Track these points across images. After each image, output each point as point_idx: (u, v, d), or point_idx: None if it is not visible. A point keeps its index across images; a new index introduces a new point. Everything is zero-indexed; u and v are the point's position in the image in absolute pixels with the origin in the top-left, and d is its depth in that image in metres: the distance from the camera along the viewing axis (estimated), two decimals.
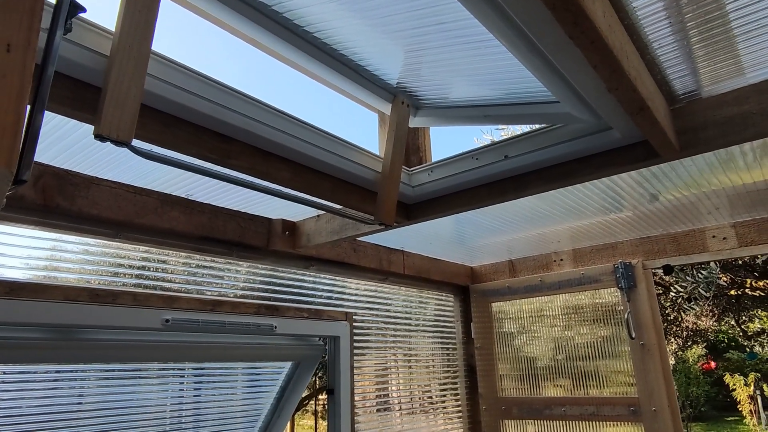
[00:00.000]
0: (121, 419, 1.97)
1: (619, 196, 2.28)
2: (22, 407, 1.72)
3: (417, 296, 3.36)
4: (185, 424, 2.25)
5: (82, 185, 1.76)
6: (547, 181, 1.66)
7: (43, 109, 0.78)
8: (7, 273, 1.70)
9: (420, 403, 3.22)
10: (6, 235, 1.69)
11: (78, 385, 1.88)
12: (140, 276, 2.07)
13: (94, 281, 1.96)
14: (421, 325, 3.35)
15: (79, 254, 1.88)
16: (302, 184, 1.60)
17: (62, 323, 1.64)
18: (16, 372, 1.71)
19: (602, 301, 3.07)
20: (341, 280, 2.87)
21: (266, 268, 2.50)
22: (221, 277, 2.34)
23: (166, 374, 2.18)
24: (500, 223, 2.70)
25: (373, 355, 2.97)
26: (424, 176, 1.92)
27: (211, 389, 2.37)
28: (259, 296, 2.46)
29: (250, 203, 2.22)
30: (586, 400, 2.94)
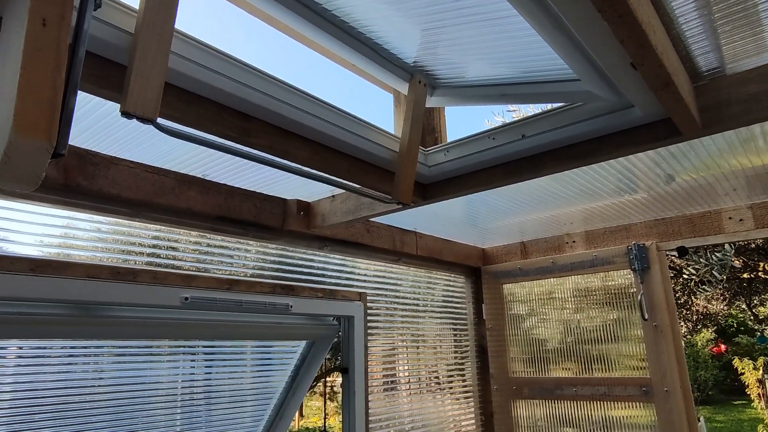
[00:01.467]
0: (137, 396, 2.01)
1: (634, 177, 2.27)
2: (38, 382, 1.75)
3: (429, 277, 3.38)
4: (201, 401, 2.30)
5: (102, 165, 1.78)
6: (564, 160, 1.66)
7: (76, 86, 0.79)
8: (29, 251, 1.73)
9: (430, 383, 3.26)
10: (27, 213, 1.72)
11: (92, 361, 1.92)
12: (154, 255, 2.10)
13: (105, 259, 1.99)
14: (432, 306, 3.38)
15: (92, 232, 1.91)
16: (321, 163, 1.61)
17: (85, 300, 1.67)
18: (32, 347, 1.75)
19: (613, 284, 3.07)
20: (351, 260, 2.89)
21: (276, 248, 2.52)
22: (231, 256, 2.36)
23: (183, 352, 2.22)
24: (512, 205, 2.70)
25: (385, 335, 3.00)
26: (440, 156, 1.91)
27: (227, 368, 2.42)
28: (269, 276, 2.49)
29: (265, 183, 2.24)
30: (598, 380, 2.96)
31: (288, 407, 2.61)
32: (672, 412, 2.65)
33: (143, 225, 2.05)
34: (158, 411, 2.12)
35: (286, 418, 2.61)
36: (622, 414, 2.89)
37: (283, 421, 2.61)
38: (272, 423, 2.59)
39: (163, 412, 2.14)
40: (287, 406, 2.60)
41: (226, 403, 2.41)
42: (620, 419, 2.89)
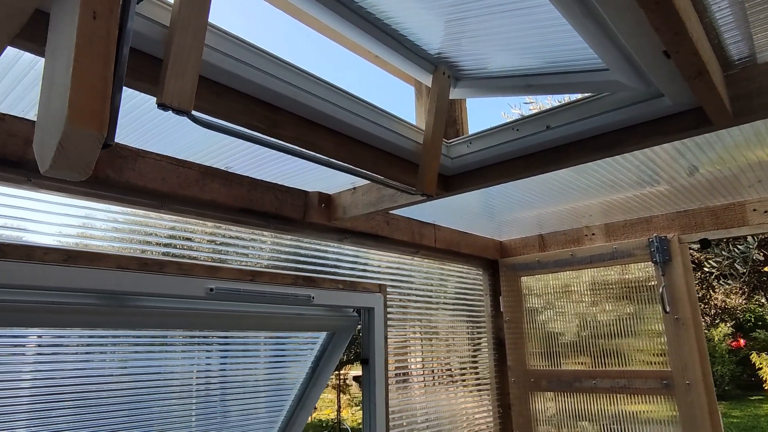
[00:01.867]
0: (155, 386, 2.04)
1: (656, 168, 2.25)
2: (58, 371, 1.77)
3: (446, 269, 3.39)
4: (222, 393, 2.33)
5: (129, 157, 1.81)
6: (590, 151, 1.65)
7: (122, 79, 0.80)
8: (62, 241, 1.77)
9: (446, 375, 3.27)
10: (59, 206, 1.75)
11: (111, 351, 1.95)
12: (173, 246, 2.12)
13: (131, 251, 2.02)
14: (449, 298, 3.39)
15: (110, 223, 1.94)
16: (346, 154, 1.62)
17: (114, 290, 1.70)
18: (52, 337, 1.77)
19: (631, 277, 3.05)
20: (365, 252, 2.90)
21: (292, 239, 2.54)
22: (248, 248, 2.39)
23: (205, 342, 2.25)
24: (531, 197, 2.69)
25: (401, 328, 3.01)
26: (462, 148, 1.91)
27: (249, 359, 2.45)
28: (285, 267, 2.51)
29: (287, 176, 2.25)
30: (617, 372, 2.95)
31: (308, 398, 2.64)
32: (693, 405, 2.64)
33: (164, 217, 2.07)
34: (180, 401, 2.16)
35: (306, 408, 2.64)
36: (641, 408, 2.88)
37: (303, 411, 2.64)
38: (293, 413, 2.62)
39: (187, 403, 2.17)
40: (308, 397, 2.63)
41: (248, 394, 2.44)
42: (640, 413, 2.88)
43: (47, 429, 1.76)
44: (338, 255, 2.76)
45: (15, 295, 1.51)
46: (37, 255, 1.55)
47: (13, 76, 1.39)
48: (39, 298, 1.56)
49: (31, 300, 1.54)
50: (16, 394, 1.68)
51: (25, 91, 1.45)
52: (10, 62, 1.31)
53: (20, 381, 1.69)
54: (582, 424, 3.11)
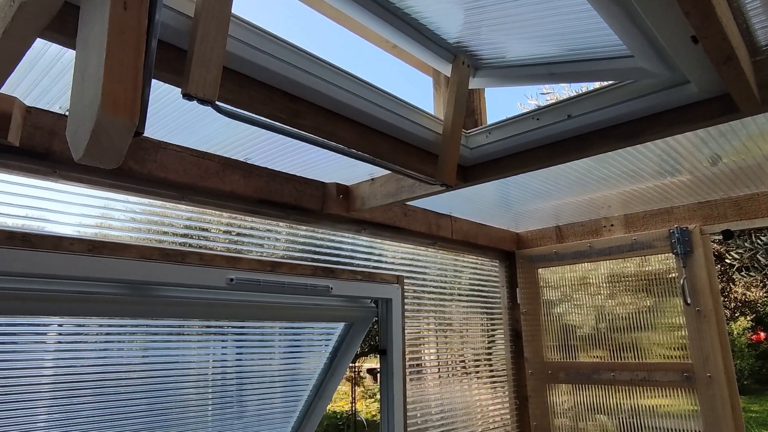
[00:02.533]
0: (179, 375, 2.07)
1: (678, 157, 2.22)
2: (78, 359, 1.81)
3: (462, 261, 3.38)
4: (241, 383, 2.36)
5: (151, 149, 1.83)
6: (612, 140, 1.63)
7: (152, 69, 0.81)
8: (86, 231, 1.80)
9: (462, 367, 3.27)
10: (82, 197, 1.78)
11: (129, 340, 1.98)
12: (193, 236, 2.15)
13: (152, 241, 2.05)
14: (464, 290, 3.38)
15: (132, 214, 1.96)
16: (366, 144, 1.62)
17: (137, 279, 1.73)
18: (72, 326, 1.81)
19: (651, 269, 3.01)
20: (379, 243, 2.90)
21: (309, 229, 2.55)
22: (263, 237, 2.41)
23: (223, 332, 2.28)
24: (548, 187, 2.66)
25: (417, 319, 3.02)
26: (481, 138, 1.90)
27: (267, 349, 2.48)
28: (303, 258, 2.53)
29: (305, 167, 2.26)
30: (636, 365, 2.92)
31: (326, 389, 2.66)
32: (715, 398, 2.61)
33: (185, 208, 2.10)
34: (200, 391, 2.19)
35: (324, 398, 2.66)
36: (660, 401, 2.86)
37: (321, 401, 2.66)
38: (311, 403, 2.65)
39: (206, 392, 2.21)
40: (325, 388, 2.65)
41: (266, 384, 2.47)
42: (659, 406, 2.86)
43: (68, 416, 1.80)
44: (354, 246, 2.77)
45: (42, 285, 1.54)
46: (64, 245, 1.58)
47: (40, 70, 1.41)
48: (65, 288, 1.59)
49: (58, 289, 1.57)
50: (39, 382, 1.72)
51: (51, 83, 1.48)
52: (36, 55, 1.33)
53: (42, 369, 1.74)
54: (599, 417, 3.09)
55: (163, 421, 2.04)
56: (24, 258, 1.48)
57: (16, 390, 1.66)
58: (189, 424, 2.14)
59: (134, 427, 1.96)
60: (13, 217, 1.64)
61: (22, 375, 1.67)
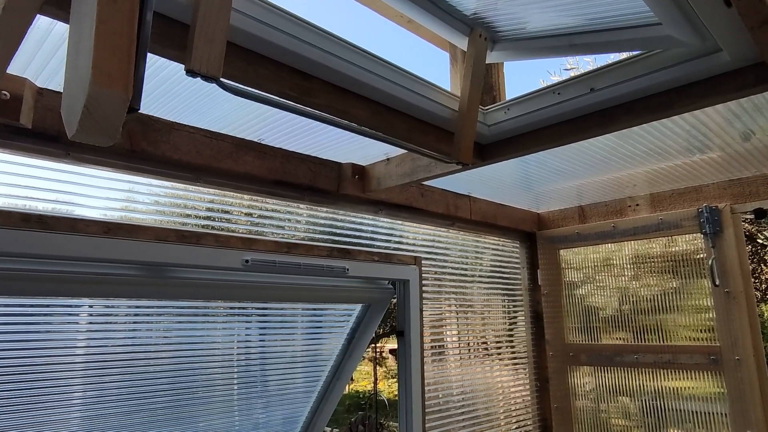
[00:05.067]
0: (198, 357, 2.09)
1: (708, 133, 2.12)
2: (108, 339, 1.85)
3: (482, 242, 3.33)
4: (260, 363, 2.38)
5: (163, 130, 1.82)
6: (638, 114, 1.55)
7: (147, 43, 0.78)
8: (101, 214, 1.80)
9: (482, 349, 3.24)
10: (97, 179, 1.78)
11: (156, 321, 2.00)
12: (209, 218, 2.14)
13: (168, 223, 2.05)
14: (484, 271, 3.33)
15: (150, 196, 1.96)
16: (380, 122, 1.58)
17: (153, 261, 1.73)
18: (102, 308, 1.83)
19: (677, 250, 2.92)
20: (400, 225, 2.87)
21: (326, 211, 2.52)
22: (285, 219, 2.39)
23: (243, 313, 2.29)
24: (571, 166, 2.58)
25: (435, 301, 2.99)
26: (500, 115, 1.84)
27: (286, 330, 2.48)
28: (320, 239, 2.51)
29: (320, 148, 2.23)
30: (661, 347, 2.85)
31: (344, 369, 2.66)
32: (743, 381, 2.53)
33: (201, 190, 2.09)
34: (218, 372, 2.21)
35: (342, 379, 2.67)
36: (685, 384, 2.79)
37: (339, 382, 2.67)
38: (329, 384, 2.65)
39: (228, 373, 2.23)
40: (343, 369, 2.65)
41: (286, 365, 2.48)
42: (683, 389, 2.79)
43: (98, 394, 1.84)
44: (373, 228, 2.74)
45: (58, 266, 1.55)
46: (79, 227, 1.58)
47: (48, 49, 1.39)
48: (81, 269, 1.60)
49: (74, 271, 1.58)
50: (72, 361, 1.77)
51: (60, 64, 1.46)
52: (43, 35, 1.32)
53: (74, 348, 1.77)
54: (622, 399, 3.04)
55: (188, 399, 2.08)
56: (40, 240, 1.49)
57: (47, 369, 1.70)
58: (214, 404, 2.18)
59: (161, 405, 2.00)
60: (28, 200, 1.64)
61: (50, 355, 1.71)
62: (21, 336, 1.64)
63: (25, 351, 1.65)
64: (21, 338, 1.64)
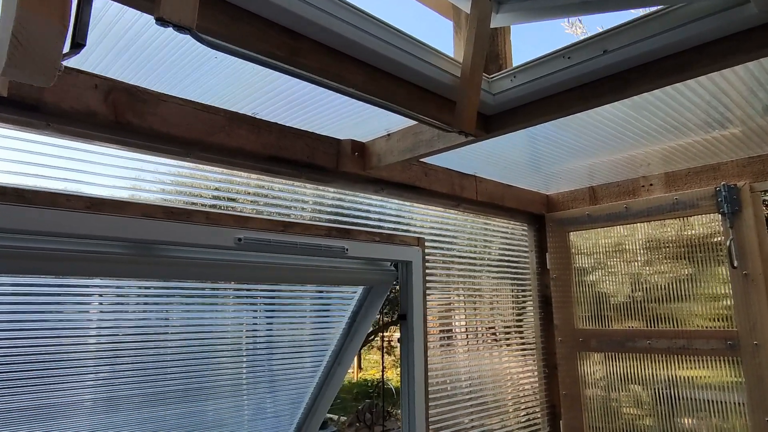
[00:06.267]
0: (202, 342, 2.05)
1: (729, 105, 1.99)
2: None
3: (489, 224, 3.22)
4: (263, 348, 2.31)
5: (151, 102, 1.72)
6: (655, 76, 1.43)
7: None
8: (85, 189, 1.72)
9: (489, 334, 3.15)
10: (81, 152, 1.70)
11: (165, 305, 1.98)
12: (202, 195, 2.06)
13: (162, 200, 1.97)
14: (491, 254, 3.23)
15: (137, 171, 1.87)
16: (377, 89, 1.47)
17: (140, 239, 1.65)
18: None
19: (692, 233, 2.79)
20: (409, 206, 2.77)
21: (326, 189, 2.43)
22: (286, 199, 2.30)
23: (244, 296, 2.21)
24: (582, 143, 2.46)
25: (442, 285, 2.90)
26: (506, 82, 1.73)
27: (285, 314, 2.41)
28: (320, 219, 2.42)
29: (317, 123, 2.13)
30: (675, 332, 2.74)
31: (346, 354, 2.58)
32: (761, 367, 2.42)
33: (213, 169, 2.00)
34: (224, 356, 2.15)
35: (343, 364, 2.59)
36: (700, 372, 2.68)
37: (341, 367, 2.59)
38: (330, 369, 2.58)
39: (222, 358, 2.17)
40: (345, 353, 2.58)
41: (285, 350, 2.41)
42: (698, 377, 2.68)
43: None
44: (379, 209, 2.64)
45: (38, 243, 1.48)
46: (60, 202, 1.50)
47: None
48: (62, 246, 1.52)
49: (55, 248, 1.50)
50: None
51: None
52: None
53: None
54: (633, 387, 2.94)
55: (183, 384, 2.03)
56: (18, 214, 1.41)
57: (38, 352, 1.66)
58: (211, 390, 2.12)
59: (174, 388, 1.99)
60: (5, 173, 1.57)
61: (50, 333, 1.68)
62: (26, 317, 1.61)
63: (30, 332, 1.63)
64: (26, 318, 1.61)
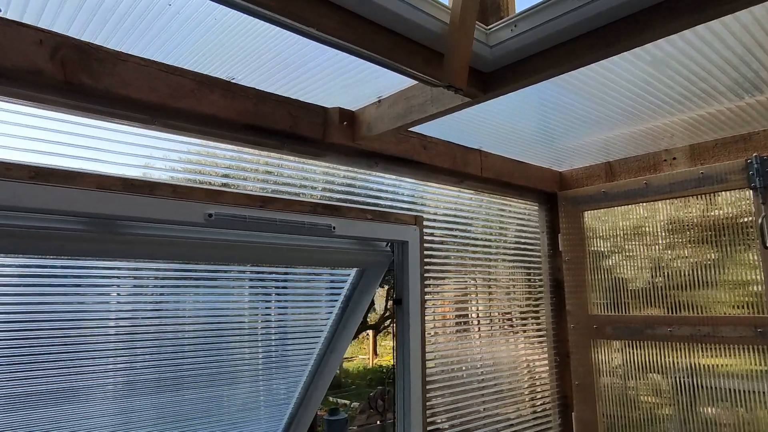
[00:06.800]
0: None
1: (763, 62, 1.74)
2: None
3: (495, 203, 3.01)
4: (245, 333, 2.14)
5: (107, 61, 1.54)
6: (678, 15, 1.20)
7: None
8: (31, 158, 1.55)
9: (497, 320, 2.95)
10: (26, 117, 1.53)
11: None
12: (180, 169, 1.87)
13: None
14: (500, 237, 3.02)
15: (93, 139, 1.70)
16: (352, 35, 1.27)
17: (94, 213, 1.48)
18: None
19: (718, 213, 2.54)
20: (398, 181, 2.56)
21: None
22: (257, 171, 2.12)
23: (218, 278, 2.04)
24: (597, 112, 2.23)
25: (446, 266, 2.70)
26: (505, 32, 1.50)
27: (271, 298, 2.24)
28: (307, 195, 2.23)
29: (301, 89, 1.93)
30: (699, 319, 2.51)
31: (339, 341, 2.41)
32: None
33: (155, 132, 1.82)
34: (206, 344, 2.00)
35: (337, 352, 2.42)
36: (725, 361, 2.44)
37: (334, 355, 2.42)
38: (323, 357, 2.41)
39: (211, 346, 2.02)
40: (338, 340, 2.40)
41: (275, 337, 2.25)
42: (723, 365, 2.45)
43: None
44: (397, 188, 2.44)
45: None
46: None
47: None
48: (4, 221, 1.36)
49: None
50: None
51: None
52: None
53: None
54: (652, 377, 2.72)
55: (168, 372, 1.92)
56: None
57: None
58: (191, 379, 1.98)
59: (148, 378, 1.88)
60: None
61: None
62: None
63: None
64: None
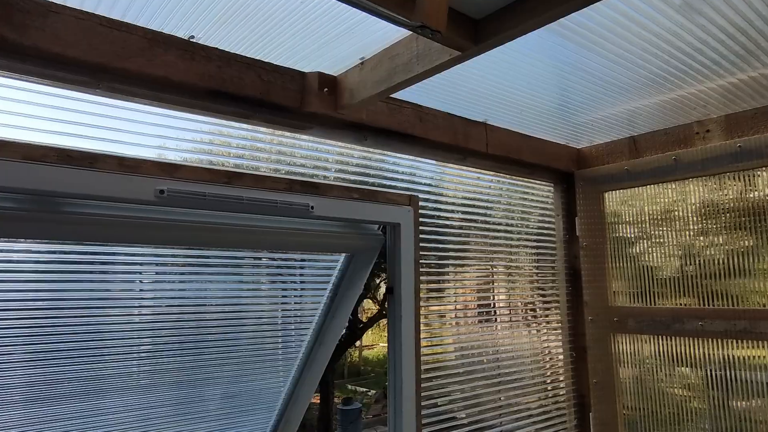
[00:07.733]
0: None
1: None
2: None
3: (503, 182, 2.74)
4: (223, 323, 1.95)
5: (35, 12, 1.34)
6: None
7: None
8: None
9: (505, 310, 2.70)
10: None
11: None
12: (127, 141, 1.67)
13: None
14: (509, 219, 2.75)
15: (21, 103, 1.50)
16: None
17: (22, 188, 1.29)
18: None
19: (757, 195, 2.23)
20: (440, 168, 2.32)
21: (302, 138, 2.02)
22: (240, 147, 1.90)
23: (197, 263, 1.85)
24: (620, 75, 1.94)
25: (445, 251, 2.45)
26: None
27: (251, 285, 2.04)
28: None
29: (273, 49, 1.70)
30: (734, 312, 2.21)
31: (328, 332, 2.20)
32: None
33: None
34: (181, 337, 1.83)
35: (326, 344, 2.21)
36: (762, 352, 2.14)
37: (323, 347, 2.22)
38: (311, 350, 2.20)
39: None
40: (327, 331, 2.19)
41: (255, 328, 2.05)
42: (761, 357, 2.15)
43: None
44: (380, 164, 2.21)
45: None
46: None
47: None
48: None
49: None
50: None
51: None
52: None
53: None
54: (681, 370, 2.43)
55: None
56: None
57: None
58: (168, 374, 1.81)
59: None
60: None
61: None
62: None
63: None
64: None
